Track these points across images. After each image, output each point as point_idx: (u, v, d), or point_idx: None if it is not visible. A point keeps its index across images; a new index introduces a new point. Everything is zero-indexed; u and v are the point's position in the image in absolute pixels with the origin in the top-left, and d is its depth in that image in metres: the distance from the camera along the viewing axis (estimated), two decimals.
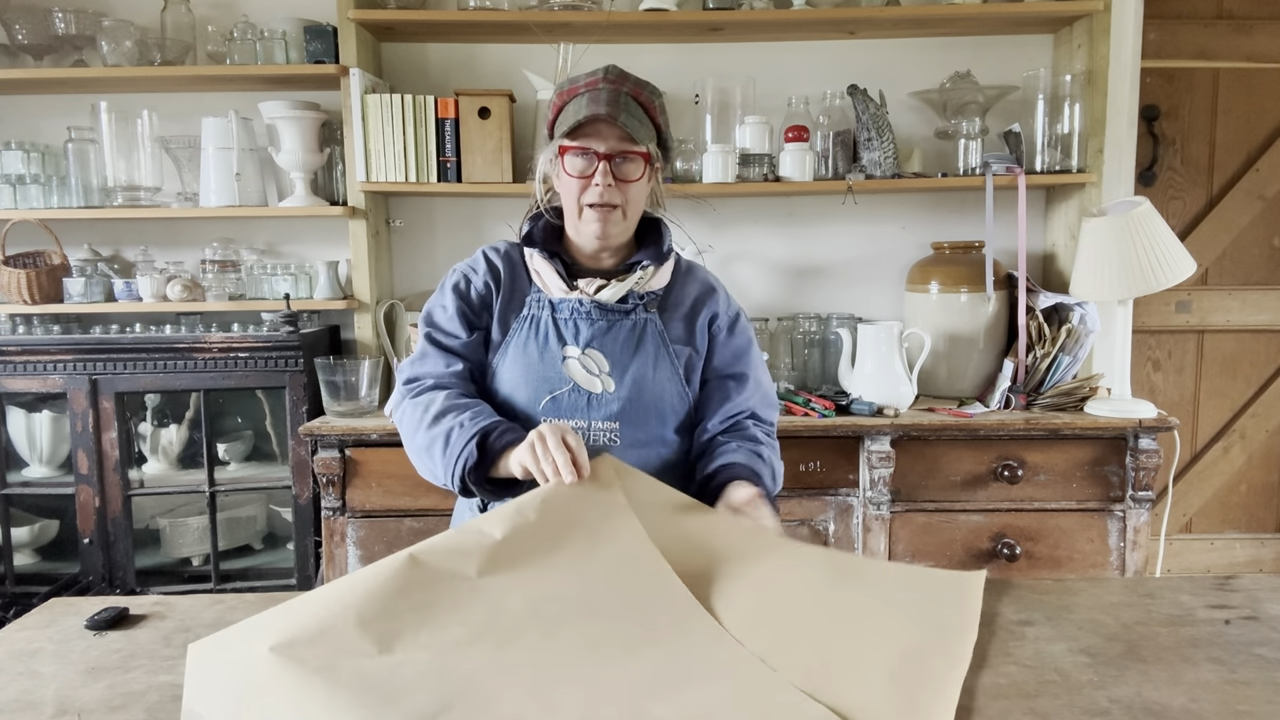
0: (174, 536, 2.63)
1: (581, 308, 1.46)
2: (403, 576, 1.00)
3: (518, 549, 1.07)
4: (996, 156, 2.49)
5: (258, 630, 0.94)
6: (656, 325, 1.49)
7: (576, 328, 1.46)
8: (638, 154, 1.40)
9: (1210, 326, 2.99)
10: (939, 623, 1.05)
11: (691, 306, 1.53)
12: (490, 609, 0.99)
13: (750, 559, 1.16)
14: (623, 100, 1.40)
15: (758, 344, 1.61)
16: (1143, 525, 2.27)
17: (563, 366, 1.45)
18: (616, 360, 1.45)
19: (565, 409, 1.44)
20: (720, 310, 1.54)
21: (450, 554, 1.05)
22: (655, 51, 2.74)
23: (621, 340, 1.46)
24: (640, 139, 1.39)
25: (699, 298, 1.54)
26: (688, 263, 1.60)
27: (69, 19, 2.60)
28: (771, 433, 1.57)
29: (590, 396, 1.44)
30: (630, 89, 1.42)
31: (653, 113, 1.45)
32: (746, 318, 1.60)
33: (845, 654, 0.99)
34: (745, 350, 1.55)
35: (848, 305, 2.82)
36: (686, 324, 1.52)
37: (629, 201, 1.43)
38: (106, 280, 2.65)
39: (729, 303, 1.57)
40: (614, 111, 1.37)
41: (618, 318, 1.47)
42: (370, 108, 2.49)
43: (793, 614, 1.06)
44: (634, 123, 1.39)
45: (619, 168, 1.40)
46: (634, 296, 1.48)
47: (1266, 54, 2.88)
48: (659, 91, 1.47)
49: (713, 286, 1.57)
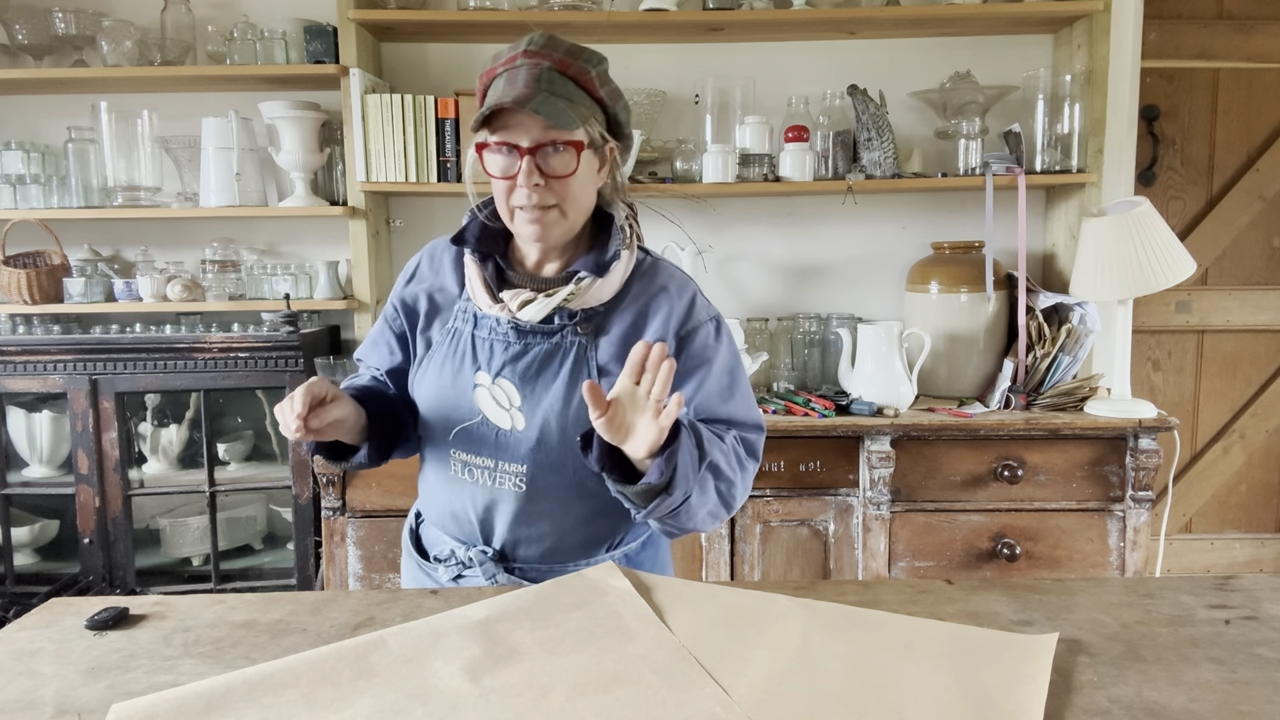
0: (174, 536, 2.63)
1: (499, 327, 1.26)
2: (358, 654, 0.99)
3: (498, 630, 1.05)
4: (996, 156, 2.49)
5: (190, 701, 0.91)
6: (584, 350, 1.25)
7: (491, 350, 1.26)
8: (568, 143, 1.18)
9: (1210, 326, 2.99)
10: (994, 700, 0.90)
11: (633, 324, 1.27)
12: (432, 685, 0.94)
13: (767, 625, 1.05)
14: (544, 78, 1.17)
15: (736, 359, 1.33)
16: (1143, 525, 2.27)
17: (473, 395, 1.27)
18: (529, 392, 1.24)
19: (476, 444, 1.27)
20: (673, 328, 1.27)
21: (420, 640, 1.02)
22: (655, 51, 2.74)
23: (535, 368, 1.24)
24: (568, 123, 1.16)
25: (647, 312, 1.28)
26: (653, 263, 1.34)
27: (69, 19, 2.60)
28: (746, 448, 1.30)
29: (499, 433, 1.25)
30: (556, 61, 1.19)
31: (590, 86, 1.21)
32: (719, 330, 1.31)
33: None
34: (700, 368, 1.27)
35: (848, 305, 2.82)
36: (622, 346, 1.25)
37: (567, 199, 1.21)
38: (106, 280, 2.65)
39: (691, 314, 1.29)
40: (530, 95, 1.14)
41: (537, 341, 1.25)
42: (370, 108, 2.49)
43: (816, 689, 0.92)
44: (559, 105, 1.15)
45: (546, 162, 1.18)
46: (563, 315, 1.25)
47: (1266, 54, 2.88)
48: (598, 59, 1.22)
49: (672, 296, 1.29)
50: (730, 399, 1.29)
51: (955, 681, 0.93)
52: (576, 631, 1.05)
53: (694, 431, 1.18)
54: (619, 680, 0.94)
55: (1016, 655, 0.98)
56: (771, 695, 0.91)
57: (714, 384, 1.28)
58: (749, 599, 1.13)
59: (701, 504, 1.20)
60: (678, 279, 1.32)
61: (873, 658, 0.98)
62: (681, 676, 0.95)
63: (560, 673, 0.96)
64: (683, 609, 1.10)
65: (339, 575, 2.32)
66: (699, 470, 1.17)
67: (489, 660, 0.98)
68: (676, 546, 2.32)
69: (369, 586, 2.31)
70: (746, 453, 1.30)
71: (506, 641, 1.02)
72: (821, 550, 2.33)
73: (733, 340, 1.35)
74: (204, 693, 0.91)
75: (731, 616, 1.08)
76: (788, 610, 1.10)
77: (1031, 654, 0.98)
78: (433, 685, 0.93)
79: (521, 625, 1.06)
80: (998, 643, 1.02)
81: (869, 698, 0.91)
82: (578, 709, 0.89)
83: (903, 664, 0.97)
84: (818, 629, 1.05)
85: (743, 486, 1.27)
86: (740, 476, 1.26)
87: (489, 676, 0.95)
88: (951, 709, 0.89)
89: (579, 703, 0.90)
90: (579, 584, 1.18)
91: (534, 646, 1.01)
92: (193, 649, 1.05)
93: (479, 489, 1.29)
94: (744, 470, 1.28)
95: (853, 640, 1.02)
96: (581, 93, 1.20)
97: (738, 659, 0.98)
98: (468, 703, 0.90)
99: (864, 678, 0.94)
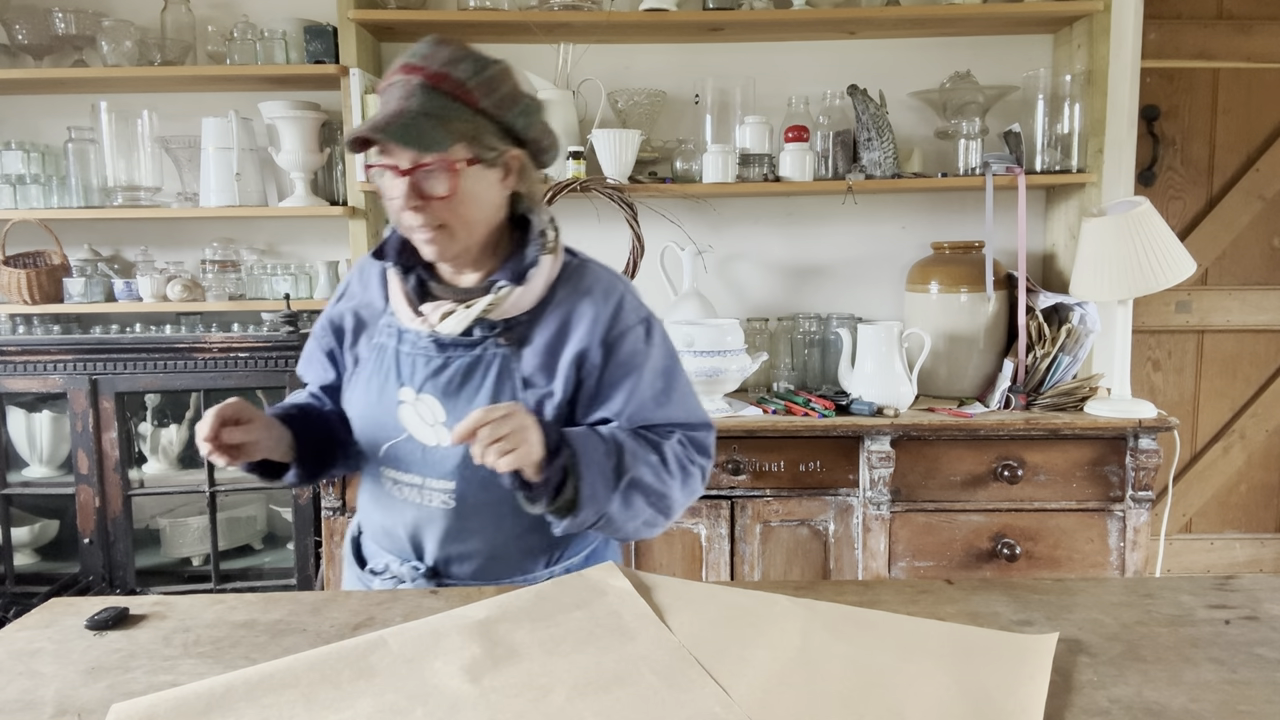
0: (174, 536, 2.62)
1: (421, 341, 1.24)
2: (359, 654, 0.99)
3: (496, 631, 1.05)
4: (996, 156, 2.49)
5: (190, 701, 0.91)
6: (506, 361, 1.23)
7: (414, 365, 1.24)
8: (444, 163, 1.13)
9: (1210, 326, 2.99)
10: (994, 700, 0.90)
11: (557, 332, 1.24)
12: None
13: (766, 625, 1.05)
14: (416, 96, 1.12)
15: (670, 358, 1.30)
16: (1142, 525, 2.27)
17: (397, 412, 1.25)
18: (453, 407, 1.21)
19: (404, 461, 1.25)
20: (598, 335, 1.23)
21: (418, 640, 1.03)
22: (655, 51, 2.74)
23: (458, 382, 1.22)
24: (434, 145, 1.11)
25: (571, 320, 1.24)
26: (580, 266, 1.30)
27: (69, 19, 2.60)
28: (695, 447, 1.28)
29: (425, 450, 1.23)
30: (431, 75, 1.13)
31: (468, 98, 1.14)
32: (649, 332, 1.27)
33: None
34: (630, 375, 1.24)
35: (848, 305, 2.82)
36: (547, 356, 1.23)
37: (453, 218, 1.17)
38: (106, 280, 2.65)
39: (617, 319, 1.25)
40: (388, 121, 1.10)
41: (459, 354, 1.23)
42: (370, 108, 2.49)
43: (816, 689, 0.92)
44: (425, 125, 1.11)
45: (426, 182, 1.14)
46: (485, 326, 1.22)
47: (1266, 54, 2.88)
48: (479, 67, 1.15)
49: (597, 301, 1.25)
50: (667, 402, 1.27)
51: (955, 681, 0.93)
52: (576, 631, 1.05)
53: (616, 451, 1.19)
54: (619, 680, 0.94)
55: (1016, 655, 0.98)
56: (771, 695, 0.91)
57: (647, 389, 1.25)
58: (749, 599, 1.13)
59: (628, 518, 1.21)
60: (604, 282, 1.28)
61: (873, 658, 0.98)
62: (681, 676, 0.95)
63: (560, 673, 0.96)
64: (683, 609, 1.10)
65: (339, 575, 2.32)
66: (615, 489, 1.18)
67: (489, 660, 0.98)
68: (677, 547, 2.32)
69: None
70: (697, 451, 1.29)
71: (506, 641, 1.02)
72: (821, 550, 2.33)
73: (666, 339, 1.31)
74: (204, 693, 0.91)
75: (731, 616, 1.08)
76: (788, 610, 1.10)
77: (1031, 654, 0.98)
78: (433, 685, 0.93)
79: (521, 625, 1.06)
80: (998, 643, 1.02)
81: (869, 698, 0.91)
82: (578, 709, 0.89)
83: (903, 664, 0.97)
84: (818, 629, 1.05)
85: (684, 491, 1.26)
86: (680, 483, 1.25)
87: (489, 676, 0.95)
88: (951, 709, 0.89)
89: (579, 703, 0.90)
90: (579, 584, 1.18)
91: (534, 646, 1.01)
92: (193, 649, 1.05)
93: (409, 506, 1.28)
94: (686, 474, 1.26)
95: (853, 640, 1.02)
96: (459, 106, 1.14)
97: (738, 659, 0.98)
98: (468, 703, 0.90)
99: (864, 678, 0.94)
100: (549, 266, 1.26)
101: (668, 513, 1.26)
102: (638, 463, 1.20)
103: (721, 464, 2.29)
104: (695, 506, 2.29)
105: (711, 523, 2.31)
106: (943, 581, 1.22)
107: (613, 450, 1.19)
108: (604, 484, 1.17)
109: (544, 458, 1.13)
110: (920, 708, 0.89)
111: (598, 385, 1.25)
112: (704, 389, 2.31)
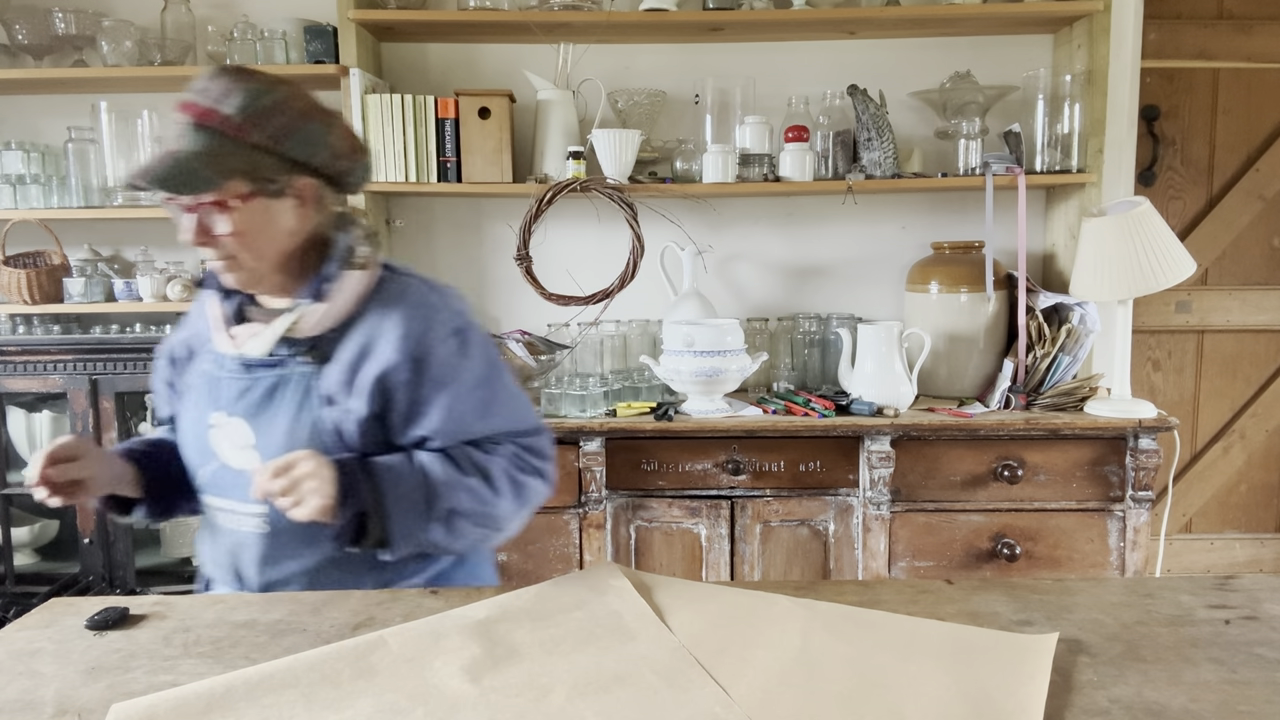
0: (174, 536, 2.62)
1: (230, 365, 1.24)
2: (358, 654, 0.99)
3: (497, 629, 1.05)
4: (996, 156, 2.49)
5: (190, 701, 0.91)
6: (308, 380, 1.21)
7: (225, 389, 1.24)
8: (216, 204, 1.13)
9: (1210, 326, 2.99)
10: (994, 700, 0.89)
11: (362, 349, 1.21)
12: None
13: (766, 625, 1.05)
14: (186, 138, 1.12)
15: (491, 367, 1.27)
16: (1142, 525, 2.27)
17: (208, 436, 1.24)
18: (259, 428, 1.21)
19: (220, 487, 1.25)
20: (407, 351, 1.20)
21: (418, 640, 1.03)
22: (655, 51, 2.74)
23: (261, 403, 1.22)
24: (198, 188, 1.11)
25: (376, 336, 1.21)
26: (398, 281, 1.27)
27: (69, 19, 2.60)
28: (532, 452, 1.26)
29: (235, 474, 1.22)
30: (200, 113, 1.12)
31: (239, 133, 1.13)
32: (463, 344, 1.24)
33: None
34: (443, 391, 1.21)
35: (848, 305, 2.82)
36: (349, 373, 1.21)
37: (238, 253, 1.17)
38: (106, 280, 2.65)
39: (427, 334, 1.22)
40: (150, 167, 1.10)
41: (263, 375, 1.22)
42: (370, 108, 2.49)
43: (816, 689, 0.92)
44: (193, 166, 1.10)
45: (206, 220, 1.15)
46: (287, 345, 1.22)
47: (1266, 54, 2.88)
48: (262, 94, 1.14)
49: (406, 317, 1.22)
50: (489, 413, 1.25)
51: (955, 681, 0.93)
52: (576, 631, 1.05)
53: (427, 484, 1.18)
54: (619, 680, 0.94)
55: (1016, 655, 0.98)
56: (771, 695, 0.91)
57: (466, 403, 1.23)
58: (749, 599, 1.13)
59: (454, 539, 1.22)
60: (416, 296, 1.25)
61: (873, 658, 0.98)
62: (681, 676, 0.95)
63: (560, 673, 0.96)
64: (683, 609, 1.10)
65: None
66: (429, 520, 1.18)
67: (489, 660, 0.98)
68: (677, 547, 2.32)
69: None
70: (533, 456, 1.27)
71: (506, 641, 1.02)
72: (821, 550, 2.33)
73: (488, 349, 1.29)
74: (204, 693, 0.91)
75: (731, 616, 1.08)
76: (788, 610, 1.10)
77: (1031, 654, 0.98)
78: (433, 685, 0.93)
79: (521, 625, 1.06)
80: (997, 643, 1.02)
81: (869, 698, 0.91)
82: (578, 709, 0.89)
83: (902, 664, 0.97)
84: (818, 629, 1.05)
85: (518, 503, 1.25)
86: (511, 497, 1.23)
87: (489, 676, 0.95)
88: (951, 709, 0.89)
89: (579, 703, 0.90)
90: (579, 584, 1.18)
91: (534, 646, 1.01)
92: (193, 649, 1.05)
93: (226, 533, 1.28)
94: (518, 487, 1.24)
95: (853, 640, 1.02)
96: (230, 142, 1.12)
97: (738, 659, 0.98)
98: (468, 703, 0.90)
99: (864, 678, 0.94)
100: (356, 282, 1.23)
101: (499, 528, 1.26)
102: (456, 491, 1.19)
103: (721, 464, 2.29)
104: (695, 506, 2.29)
105: (711, 523, 2.31)
106: (943, 581, 1.22)
107: (424, 482, 1.18)
108: (417, 517, 1.17)
109: (338, 502, 1.13)
110: (920, 708, 0.89)
111: (410, 402, 1.22)
112: (704, 389, 2.31)
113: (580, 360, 2.54)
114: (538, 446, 1.29)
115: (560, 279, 2.68)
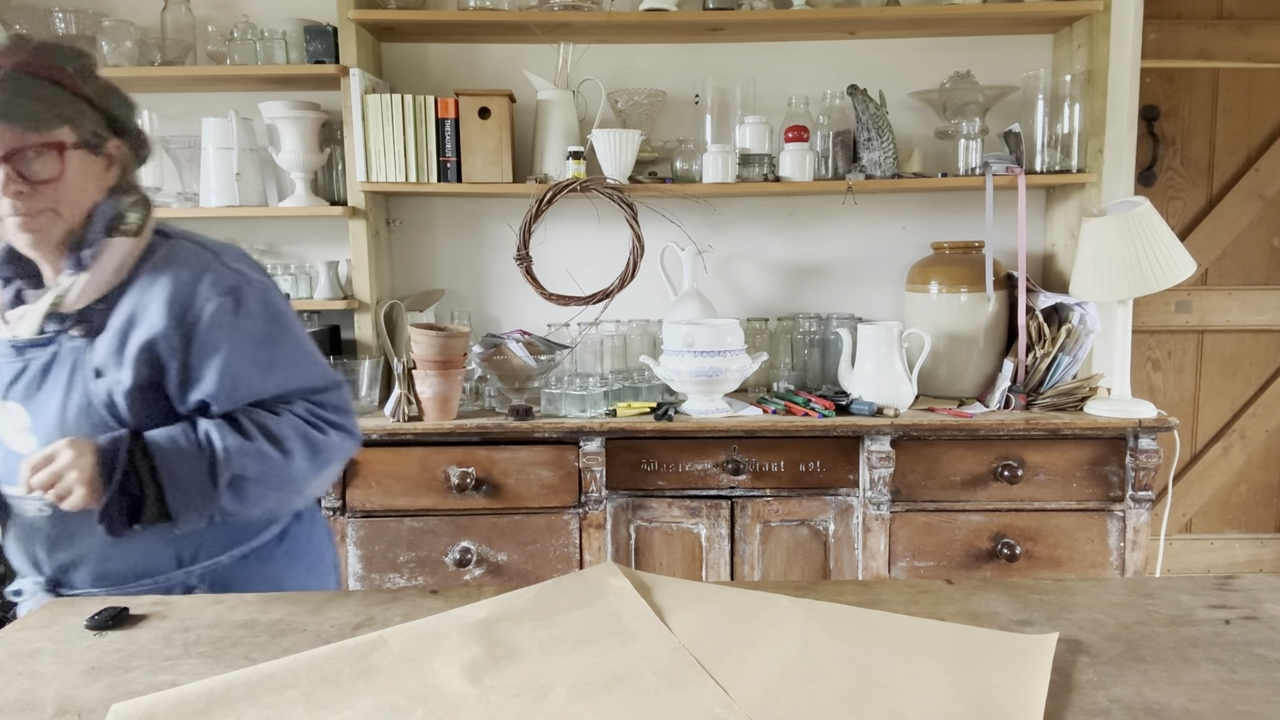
0: None
1: (3, 348, 1.21)
2: (360, 654, 0.99)
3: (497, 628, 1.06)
4: (996, 156, 2.49)
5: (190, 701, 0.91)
6: (78, 354, 1.18)
7: (1, 374, 1.21)
8: (48, 145, 1.12)
9: (1210, 326, 2.99)
10: (994, 700, 0.89)
11: (129, 318, 1.18)
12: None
13: (766, 625, 1.05)
14: (11, 83, 1.10)
15: (274, 322, 1.23)
16: (1142, 525, 2.27)
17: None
18: (34, 409, 1.19)
19: (8, 473, 1.21)
20: (175, 314, 1.17)
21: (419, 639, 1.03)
22: (655, 51, 2.74)
23: (34, 384, 1.18)
24: (40, 123, 1.10)
25: (145, 302, 1.18)
26: (170, 245, 1.23)
27: (69, 19, 2.60)
28: (327, 408, 1.24)
29: (19, 459, 1.17)
30: (22, 63, 1.11)
31: (69, 84, 1.14)
32: (239, 302, 1.19)
33: None
34: (216, 353, 1.18)
35: (848, 305, 2.82)
36: (118, 342, 1.17)
37: (60, 202, 1.15)
38: None
39: (196, 296, 1.18)
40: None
41: (35, 354, 1.19)
42: (370, 108, 2.49)
43: (816, 689, 0.92)
44: (25, 106, 1.10)
45: (28, 167, 1.12)
46: (57, 321, 1.18)
47: (1266, 54, 2.88)
48: (75, 54, 1.16)
49: (175, 280, 1.18)
50: (273, 371, 1.22)
51: (955, 681, 0.93)
52: (576, 631, 1.05)
53: (209, 453, 1.16)
54: (619, 680, 0.94)
55: (1016, 655, 0.98)
56: (771, 695, 0.91)
57: (244, 364, 1.20)
58: (749, 599, 1.13)
59: (251, 505, 1.20)
60: (185, 258, 1.21)
61: (873, 658, 0.98)
62: (681, 676, 0.95)
63: (560, 673, 0.96)
64: (683, 609, 1.10)
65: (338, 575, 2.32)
66: (215, 488, 1.16)
67: (489, 660, 0.98)
68: (677, 547, 2.32)
69: (369, 586, 2.31)
70: (329, 411, 1.25)
71: (506, 641, 1.02)
72: (821, 550, 2.33)
73: (271, 305, 1.24)
74: (204, 693, 0.91)
75: (731, 616, 1.08)
76: (788, 610, 1.10)
77: (1031, 654, 0.98)
78: (433, 685, 0.93)
79: (521, 625, 1.06)
80: (997, 643, 1.02)
81: (869, 698, 0.91)
82: (578, 709, 0.89)
83: (902, 664, 0.97)
84: (818, 629, 1.05)
85: (316, 462, 1.23)
86: (307, 457, 1.21)
87: (489, 676, 0.95)
88: (951, 709, 0.89)
89: (579, 703, 0.90)
90: (579, 584, 1.18)
91: (534, 646, 1.01)
92: (193, 649, 1.05)
93: (18, 519, 1.27)
94: (313, 446, 1.22)
95: (853, 640, 1.02)
96: (60, 91, 1.13)
97: (738, 659, 0.98)
98: (468, 703, 0.90)
99: (864, 678, 0.94)
100: (122, 249, 1.19)
101: (298, 490, 1.24)
102: (241, 457, 1.17)
103: (721, 464, 2.29)
104: (695, 506, 2.29)
105: (711, 523, 2.31)
106: (943, 581, 1.22)
107: (204, 452, 1.17)
108: (199, 488, 1.16)
109: (104, 485, 1.12)
110: (920, 708, 0.89)
111: (182, 367, 1.19)
112: (704, 389, 2.31)
113: (580, 360, 2.54)
114: (333, 402, 1.27)
115: (560, 279, 2.68)
